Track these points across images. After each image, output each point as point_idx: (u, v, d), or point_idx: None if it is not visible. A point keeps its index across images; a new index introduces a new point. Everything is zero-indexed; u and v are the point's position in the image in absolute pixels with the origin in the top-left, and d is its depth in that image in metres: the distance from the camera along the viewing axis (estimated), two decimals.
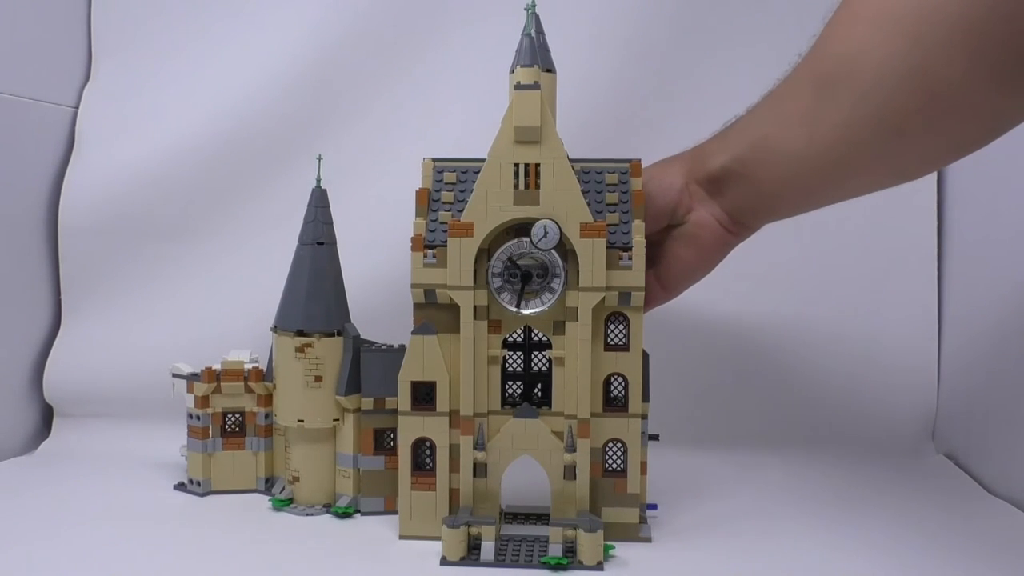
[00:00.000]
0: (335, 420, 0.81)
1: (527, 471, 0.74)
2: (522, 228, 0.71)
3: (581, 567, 0.69)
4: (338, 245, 0.83)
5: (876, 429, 1.02)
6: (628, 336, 0.73)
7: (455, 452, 0.73)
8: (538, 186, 0.70)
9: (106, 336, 1.05)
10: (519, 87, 0.69)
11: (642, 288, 0.71)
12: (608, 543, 0.70)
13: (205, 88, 1.08)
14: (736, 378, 1.05)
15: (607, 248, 0.70)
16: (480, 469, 0.73)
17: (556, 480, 0.73)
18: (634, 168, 0.75)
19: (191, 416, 0.86)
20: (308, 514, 0.80)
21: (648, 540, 0.74)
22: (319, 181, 0.83)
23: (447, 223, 0.72)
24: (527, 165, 0.70)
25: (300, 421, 0.81)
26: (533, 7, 0.73)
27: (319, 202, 0.83)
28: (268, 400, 0.85)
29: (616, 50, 1.05)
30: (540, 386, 0.81)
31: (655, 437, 0.75)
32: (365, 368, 0.80)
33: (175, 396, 0.87)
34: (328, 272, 0.82)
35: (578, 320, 0.71)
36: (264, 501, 0.84)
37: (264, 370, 0.85)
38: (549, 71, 0.73)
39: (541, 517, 0.77)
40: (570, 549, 0.70)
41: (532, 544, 0.72)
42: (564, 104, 0.76)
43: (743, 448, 0.99)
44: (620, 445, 0.74)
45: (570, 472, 0.72)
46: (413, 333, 0.74)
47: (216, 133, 1.07)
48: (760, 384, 1.05)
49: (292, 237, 0.83)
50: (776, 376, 1.05)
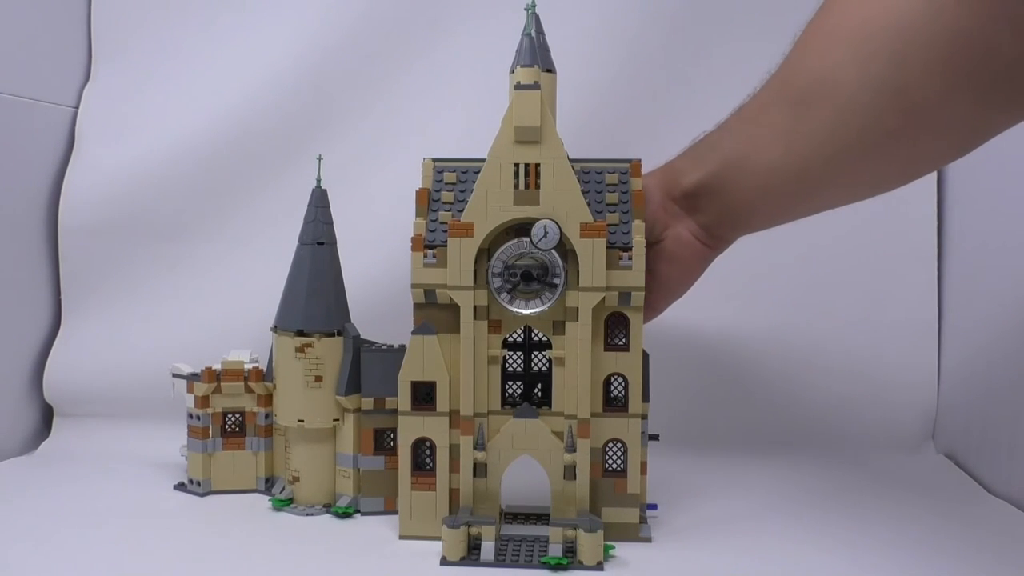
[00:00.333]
0: (335, 420, 0.81)
1: (527, 471, 0.74)
2: (522, 228, 0.71)
3: (581, 567, 0.69)
4: (338, 245, 0.83)
5: (876, 429, 1.02)
6: (628, 336, 0.72)
7: (455, 452, 0.73)
8: (538, 186, 0.70)
9: (106, 336, 1.05)
10: (519, 87, 0.69)
11: (642, 288, 0.71)
12: (608, 543, 0.70)
13: (205, 88, 1.08)
14: (737, 378, 1.05)
15: (607, 248, 0.70)
16: (480, 469, 0.73)
17: (556, 480, 0.73)
18: (634, 168, 0.75)
19: (191, 416, 0.86)
20: (308, 514, 0.80)
21: (648, 540, 0.74)
22: (319, 181, 0.83)
23: (447, 223, 0.72)
24: (527, 165, 0.70)
25: (300, 421, 0.81)
26: (533, 7, 0.73)
27: (319, 202, 0.83)
28: (268, 400, 0.85)
29: (616, 50, 1.05)
30: (540, 386, 0.81)
31: (655, 437, 0.75)
32: (365, 368, 0.80)
33: (175, 396, 0.87)
34: (328, 272, 0.82)
35: (578, 320, 0.71)
36: (264, 501, 0.84)
37: (264, 370, 0.85)
38: (549, 71, 0.73)
39: (541, 517, 0.77)
40: (570, 549, 0.70)
41: (532, 544, 0.72)
42: (564, 104, 0.76)
43: (743, 448, 0.99)
44: (620, 445, 0.74)
45: (570, 472, 0.72)
46: (413, 333, 0.74)
47: (216, 133, 1.07)
48: (761, 384, 1.05)
49: (292, 237, 0.83)
50: (777, 376, 1.05)
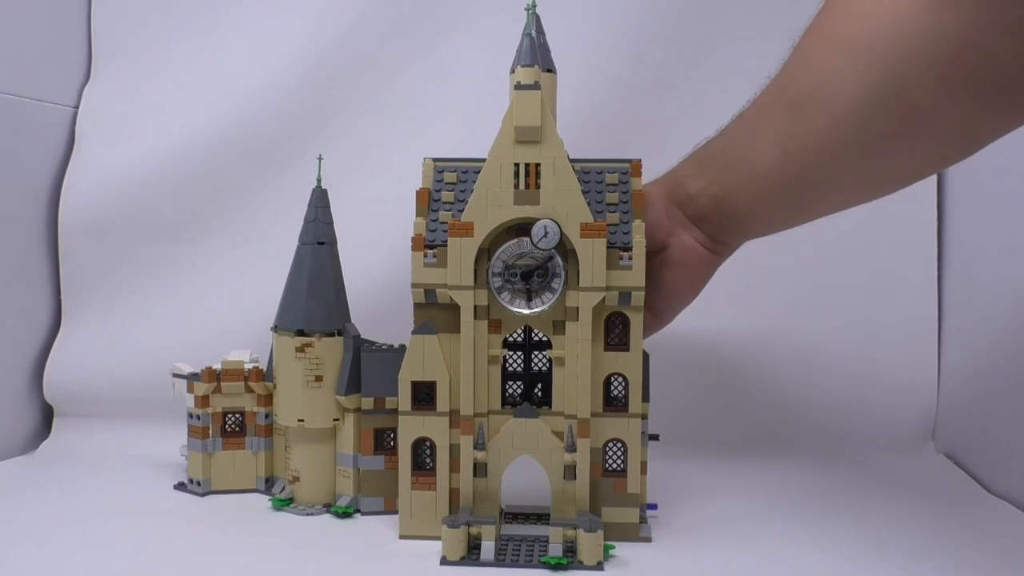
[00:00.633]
0: (335, 420, 0.81)
1: (527, 471, 0.74)
2: (522, 228, 0.71)
3: (581, 567, 0.69)
4: (338, 245, 0.83)
5: (876, 429, 1.02)
6: (629, 336, 0.72)
7: (455, 452, 0.73)
8: (538, 186, 0.70)
9: (106, 336, 1.05)
10: (519, 87, 0.69)
11: (642, 288, 0.71)
12: (608, 543, 0.70)
13: (205, 88, 1.08)
14: (737, 378, 1.05)
15: (607, 248, 0.70)
16: (480, 469, 0.73)
17: (556, 480, 0.73)
18: (634, 168, 0.75)
19: (191, 416, 0.86)
20: (308, 514, 0.80)
21: (648, 540, 0.74)
22: (319, 181, 0.83)
23: (447, 223, 0.72)
24: (527, 165, 0.70)
25: (300, 421, 0.81)
26: (533, 7, 0.73)
27: (319, 202, 0.83)
28: (268, 400, 0.85)
29: (616, 50, 1.05)
30: (540, 386, 0.81)
31: (655, 437, 0.75)
32: (365, 368, 0.80)
33: (175, 396, 0.87)
34: (328, 272, 0.82)
35: (578, 320, 0.71)
36: (264, 501, 0.84)
37: (264, 370, 0.85)
38: (549, 71, 0.73)
39: (541, 517, 0.77)
40: (570, 549, 0.70)
41: (532, 544, 0.72)
42: (564, 104, 0.75)
43: (743, 448, 0.99)
44: (620, 445, 0.74)
45: (570, 472, 0.72)
46: (413, 333, 0.74)
47: (216, 133, 1.07)
48: (761, 384, 1.05)
49: (292, 237, 0.83)
50: (777, 376, 1.05)
